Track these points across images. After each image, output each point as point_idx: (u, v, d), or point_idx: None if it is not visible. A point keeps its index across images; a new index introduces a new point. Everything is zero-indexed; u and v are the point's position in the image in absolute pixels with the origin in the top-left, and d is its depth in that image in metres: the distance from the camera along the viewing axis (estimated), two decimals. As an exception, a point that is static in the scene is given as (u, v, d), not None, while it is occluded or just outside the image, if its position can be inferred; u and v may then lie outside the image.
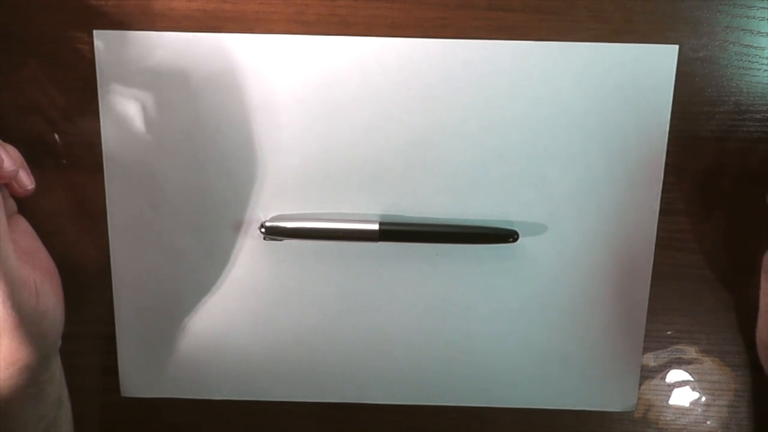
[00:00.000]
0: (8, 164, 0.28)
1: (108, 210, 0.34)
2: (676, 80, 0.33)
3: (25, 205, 0.33)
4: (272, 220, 0.34)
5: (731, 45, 0.33)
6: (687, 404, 0.37)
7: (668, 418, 0.38)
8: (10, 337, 0.27)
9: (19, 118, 0.33)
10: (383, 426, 0.38)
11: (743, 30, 0.32)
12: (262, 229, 0.34)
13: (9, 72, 0.33)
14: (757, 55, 0.33)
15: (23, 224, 0.33)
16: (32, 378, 0.29)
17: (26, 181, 0.31)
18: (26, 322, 0.27)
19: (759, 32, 0.32)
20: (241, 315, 0.36)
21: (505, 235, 0.34)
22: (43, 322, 0.29)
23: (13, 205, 0.33)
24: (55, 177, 0.34)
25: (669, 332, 0.36)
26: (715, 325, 0.36)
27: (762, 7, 0.32)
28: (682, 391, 0.37)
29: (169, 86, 0.33)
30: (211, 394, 0.37)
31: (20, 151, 0.31)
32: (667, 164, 0.34)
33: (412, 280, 0.35)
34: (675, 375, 0.37)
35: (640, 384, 0.37)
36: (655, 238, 0.35)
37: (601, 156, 0.34)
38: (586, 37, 0.32)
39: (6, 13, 0.32)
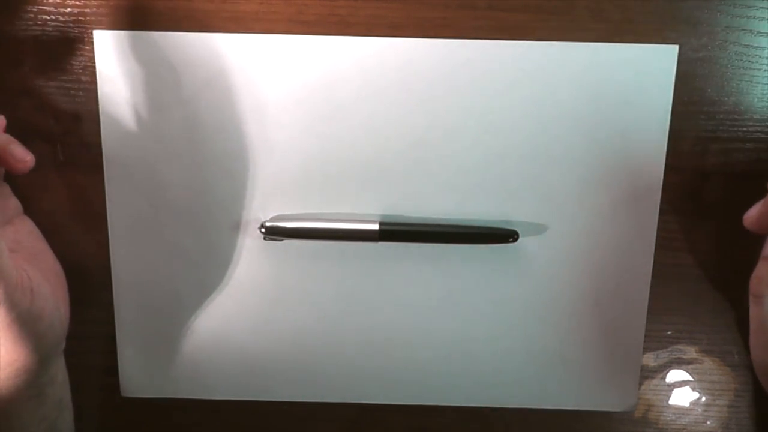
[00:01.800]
0: None
1: (108, 210, 0.34)
2: (676, 80, 0.33)
3: (25, 205, 0.33)
4: (272, 220, 0.34)
5: (731, 45, 0.33)
6: (687, 404, 0.37)
7: (668, 418, 0.38)
8: (5, 337, 0.27)
9: (19, 118, 0.33)
10: (383, 426, 0.38)
11: (743, 30, 0.32)
12: (262, 229, 0.34)
13: (9, 72, 0.33)
14: (757, 55, 0.33)
15: (29, 225, 0.33)
16: (31, 380, 0.29)
17: (21, 152, 0.29)
18: (20, 323, 0.27)
19: (759, 32, 0.32)
20: (241, 315, 0.36)
21: (505, 235, 0.34)
22: (38, 323, 0.28)
23: (18, 206, 0.33)
24: (55, 177, 0.34)
25: (669, 332, 0.36)
26: (715, 325, 0.36)
27: (762, 7, 0.32)
28: (682, 391, 0.37)
29: (169, 86, 0.33)
30: (211, 394, 0.37)
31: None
32: (667, 164, 0.34)
33: (412, 280, 0.35)
34: (675, 375, 0.37)
35: (640, 384, 0.37)
36: (655, 238, 0.35)
37: (601, 156, 0.34)
38: (586, 37, 0.32)
39: (6, 14, 0.32)
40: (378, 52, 0.32)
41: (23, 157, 0.30)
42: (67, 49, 0.33)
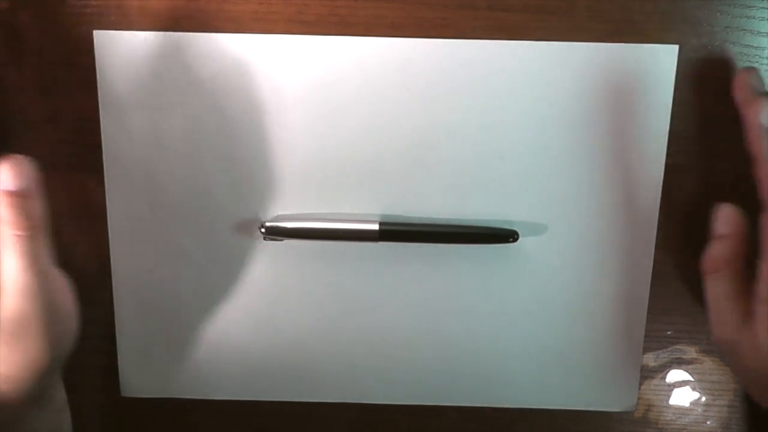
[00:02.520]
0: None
1: (108, 210, 0.34)
2: (676, 80, 0.33)
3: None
4: (272, 220, 0.34)
5: (731, 45, 0.33)
6: (687, 404, 0.37)
7: (668, 418, 0.38)
8: (31, 333, 0.27)
9: (19, 119, 0.33)
10: (384, 426, 0.38)
11: (743, 30, 0.32)
12: (262, 229, 0.34)
13: (9, 72, 0.33)
14: (757, 55, 0.33)
15: None
16: (45, 384, 0.29)
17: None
18: (46, 320, 0.27)
19: (759, 32, 0.32)
20: (241, 315, 0.36)
21: (505, 235, 0.34)
22: (61, 324, 0.28)
23: None
24: (55, 177, 0.34)
25: (669, 332, 0.36)
26: (715, 325, 0.36)
27: (762, 7, 0.32)
28: (682, 391, 0.37)
29: (169, 86, 0.33)
30: (211, 394, 0.37)
31: (21, 150, 0.31)
32: (667, 164, 0.34)
33: (412, 280, 0.35)
34: (675, 375, 0.37)
35: (640, 384, 0.37)
36: (655, 238, 0.35)
37: (601, 156, 0.34)
38: (586, 37, 0.32)
39: (6, 14, 0.32)
40: (378, 52, 0.32)
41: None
42: (67, 49, 0.33)
